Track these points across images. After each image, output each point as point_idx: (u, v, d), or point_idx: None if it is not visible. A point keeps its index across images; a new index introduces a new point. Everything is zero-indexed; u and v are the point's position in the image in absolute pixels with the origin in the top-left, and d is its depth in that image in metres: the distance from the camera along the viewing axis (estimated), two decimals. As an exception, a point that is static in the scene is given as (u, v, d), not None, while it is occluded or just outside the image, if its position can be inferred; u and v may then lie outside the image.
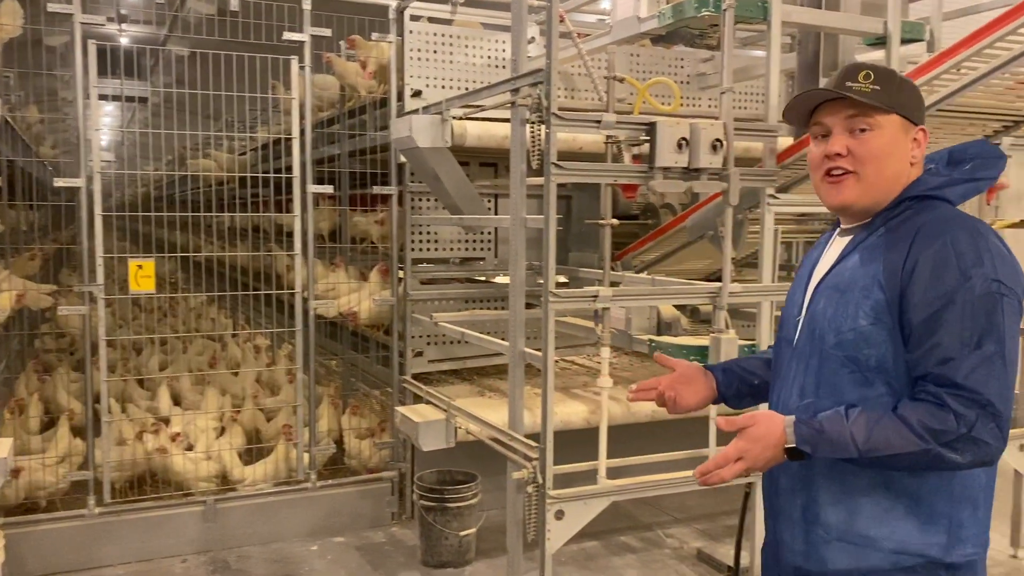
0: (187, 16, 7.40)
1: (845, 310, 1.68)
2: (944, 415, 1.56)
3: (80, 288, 4.40)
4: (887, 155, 1.71)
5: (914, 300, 1.61)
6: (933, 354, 1.59)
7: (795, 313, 1.84)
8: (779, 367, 1.88)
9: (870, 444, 1.58)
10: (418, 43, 4.66)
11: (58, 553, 4.29)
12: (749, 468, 1.64)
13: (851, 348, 1.67)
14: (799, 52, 4.64)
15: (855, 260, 1.72)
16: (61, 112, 6.65)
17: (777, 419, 1.65)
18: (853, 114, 1.71)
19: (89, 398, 4.53)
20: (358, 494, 4.93)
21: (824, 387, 1.72)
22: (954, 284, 1.58)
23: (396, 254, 5.00)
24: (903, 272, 1.62)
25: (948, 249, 1.60)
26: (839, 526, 1.71)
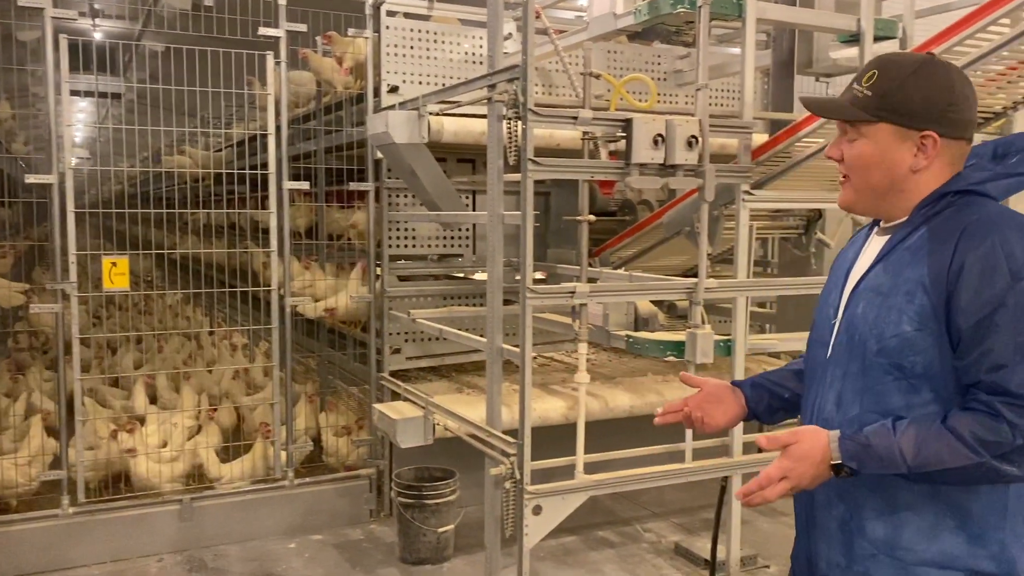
0: (162, 11, 7.34)
1: (888, 315, 1.60)
2: (997, 425, 1.48)
3: (53, 286, 4.35)
4: (871, 165, 1.67)
5: (962, 304, 1.52)
6: (984, 361, 1.51)
7: (830, 316, 1.76)
8: (813, 372, 1.80)
9: (920, 459, 1.51)
10: (395, 39, 4.65)
11: (31, 554, 4.24)
12: (794, 487, 1.58)
13: (895, 355, 1.59)
14: (774, 49, 4.69)
15: (896, 261, 1.65)
16: (33, 108, 6.57)
17: (821, 435, 1.58)
18: (844, 126, 1.71)
19: (62, 397, 4.47)
20: (336, 492, 4.91)
21: (868, 395, 1.64)
22: (1005, 287, 1.50)
23: (373, 251, 4.99)
24: (949, 274, 1.54)
25: (997, 250, 1.52)
26: (885, 540, 1.64)
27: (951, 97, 1.63)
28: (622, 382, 4.57)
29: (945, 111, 1.63)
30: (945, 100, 1.63)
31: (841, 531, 1.70)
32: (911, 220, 1.67)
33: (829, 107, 1.78)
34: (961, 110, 1.64)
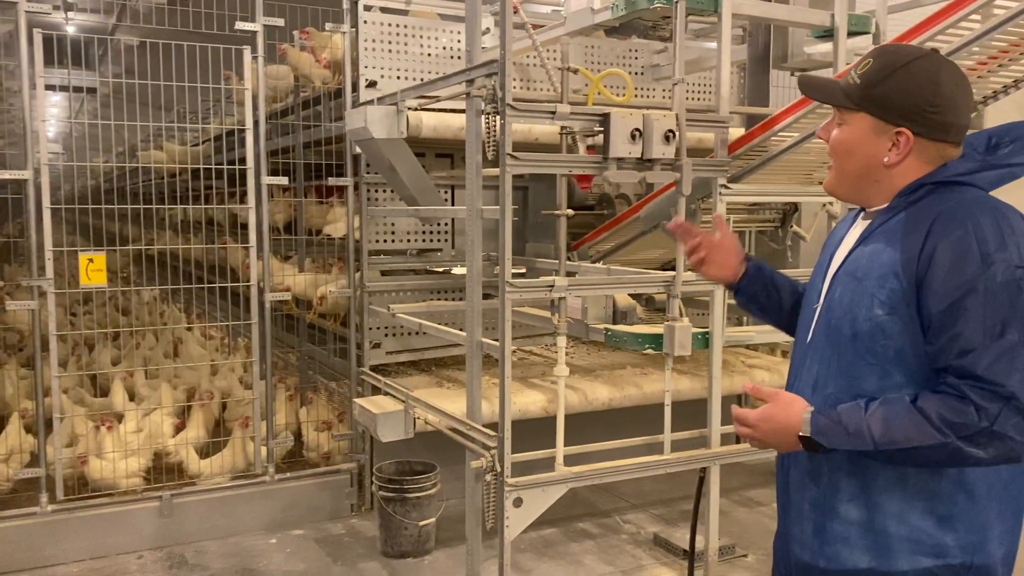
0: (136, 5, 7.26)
1: (861, 299, 1.63)
2: (964, 408, 1.49)
3: (29, 283, 4.31)
4: (848, 152, 1.72)
5: (933, 289, 1.54)
6: (953, 345, 1.52)
7: (813, 301, 1.80)
8: (795, 356, 1.85)
9: (887, 437, 1.53)
10: (372, 33, 4.65)
11: (9, 552, 4.21)
12: (760, 441, 1.68)
13: (868, 339, 1.61)
14: (750, 44, 4.73)
15: (873, 246, 1.67)
16: (6, 103, 6.49)
17: (798, 405, 1.64)
18: (835, 110, 1.76)
19: (39, 395, 4.44)
20: (316, 486, 4.91)
21: (842, 379, 1.66)
22: (975, 272, 1.51)
23: (352, 246, 4.99)
24: (920, 260, 1.56)
25: (970, 235, 1.53)
26: (859, 523, 1.66)
27: (934, 98, 1.62)
28: (601, 375, 4.60)
29: (925, 111, 1.62)
30: (927, 100, 1.62)
31: (814, 512, 1.73)
32: (891, 207, 1.69)
33: (820, 89, 1.81)
34: (944, 112, 1.63)
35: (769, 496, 5.25)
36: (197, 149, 7.08)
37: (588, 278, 4.02)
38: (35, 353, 4.46)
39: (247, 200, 4.74)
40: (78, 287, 4.43)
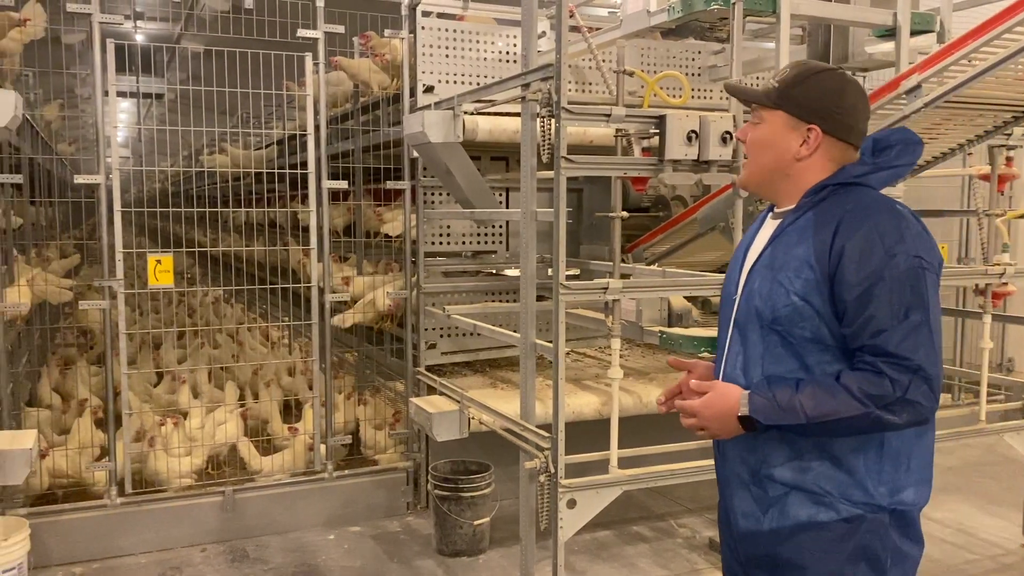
0: (202, 13, 7.47)
1: (779, 288, 1.83)
2: (881, 381, 1.73)
3: (100, 283, 4.48)
4: (764, 146, 1.93)
5: (846, 280, 1.75)
6: (867, 327, 1.74)
7: (732, 292, 1.99)
8: (721, 343, 2.02)
9: (817, 411, 1.74)
10: (430, 39, 4.71)
11: (81, 542, 4.38)
12: (705, 429, 1.89)
13: (786, 323, 1.82)
14: (809, 44, 4.65)
15: (786, 241, 1.87)
16: (78, 109, 6.74)
17: (734, 390, 1.85)
18: (753, 107, 1.96)
19: (110, 391, 4.60)
20: (373, 484, 5.00)
21: (767, 359, 1.86)
22: (881, 263, 1.74)
23: (409, 248, 5.06)
24: (831, 255, 1.77)
25: (873, 232, 1.76)
26: (793, 481, 1.86)
27: (840, 103, 1.88)
28: (655, 378, 4.58)
29: (832, 112, 1.88)
30: (834, 103, 1.88)
31: (753, 482, 1.91)
32: (799, 207, 1.90)
33: (744, 92, 2.04)
34: (847, 116, 1.89)
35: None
36: (260, 153, 7.25)
37: (643, 280, 4.01)
38: (106, 351, 4.62)
39: (308, 203, 4.84)
40: (145, 288, 4.59)
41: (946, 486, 5.49)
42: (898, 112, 3.43)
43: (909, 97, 3.37)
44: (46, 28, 4.55)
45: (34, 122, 5.69)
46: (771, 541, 1.89)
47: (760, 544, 1.92)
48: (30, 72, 5.41)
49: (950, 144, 3.98)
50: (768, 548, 1.90)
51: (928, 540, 4.87)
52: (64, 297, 5.18)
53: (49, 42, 4.68)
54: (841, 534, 1.83)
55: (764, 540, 1.91)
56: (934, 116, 3.49)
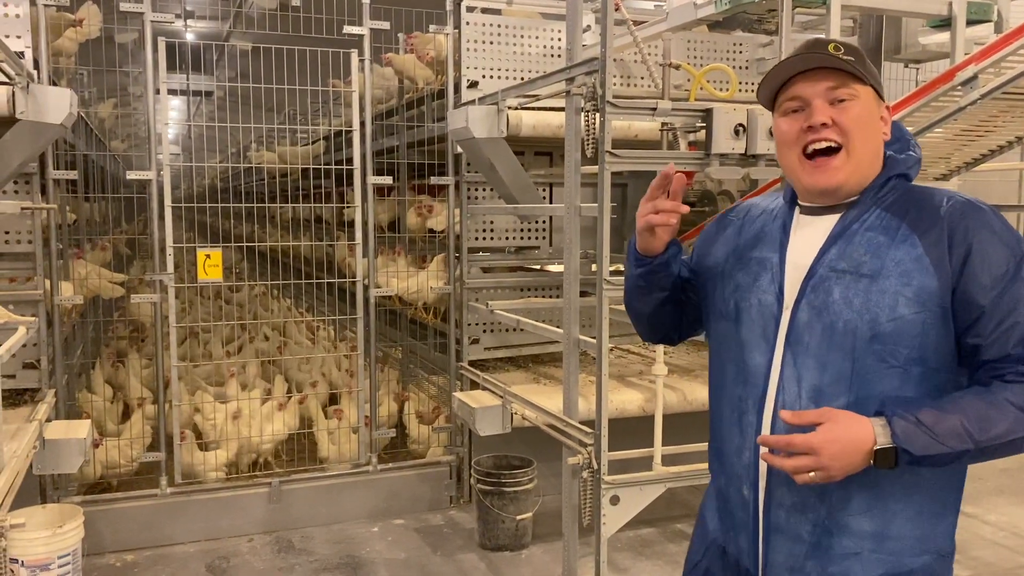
0: (250, 11, 7.57)
1: (881, 299, 1.52)
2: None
3: (152, 277, 4.57)
4: (869, 125, 1.60)
5: (980, 282, 1.50)
6: (1010, 334, 1.48)
7: (771, 303, 1.64)
8: (750, 369, 1.65)
9: (987, 434, 1.45)
10: (475, 34, 4.71)
11: (132, 530, 4.48)
12: (821, 470, 1.45)
13: (890, 340, 1.52)
14: (860, 36, 4.56)
15: (867, 243, 1.57)
16: (131, 107, 6.89)
17: (860, 417, 1.48)
18: (833, 85, 1.58)
19: (160, 383, 4.70)
20: (417, 478, 5.03)
21: (856, 383, 1.54)
22: (1010, 260, 1.51)
23: (453, 243, 5.08)
24: (952, 254, 1.51)
25: (989, 228, 1.53)
26: (873, 534, 1.57)
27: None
28: (700, 375, 4.54)
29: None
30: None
31: (814, 534, 1.59)
32: (862, 201, 1.62)
33: (834, 60, 1.58)
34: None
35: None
36: (307, 149, 7.34)
37: (688, 276, 3.96)
38: (156, 344, 4.72)
39: (353, 199, 4.88)
40: (194, 282, 4.67)
41: (1000, 488, 5.36)
42: (953, 104, 3.34)
43: (965, 88, 3.28)
44: (100, 28, 4.65)
45: (88, 119, 5.83)
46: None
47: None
48: (85, 71, 5.54)
49: (1007, 137, 3.87)
50: None
51: (981, 543, 4.77)
52: (116, 292, 5.30)
53: (103, 41, 4.78)
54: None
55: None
56: (991, 108, 3.40)
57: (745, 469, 1.66)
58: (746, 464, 1.65)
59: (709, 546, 1.81)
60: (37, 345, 4.16)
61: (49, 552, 3.63)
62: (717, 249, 1.80)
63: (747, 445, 1.65)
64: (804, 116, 1.60)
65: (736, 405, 1.68)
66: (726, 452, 1.72)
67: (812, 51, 1.60)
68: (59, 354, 4.34)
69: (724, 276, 1.74)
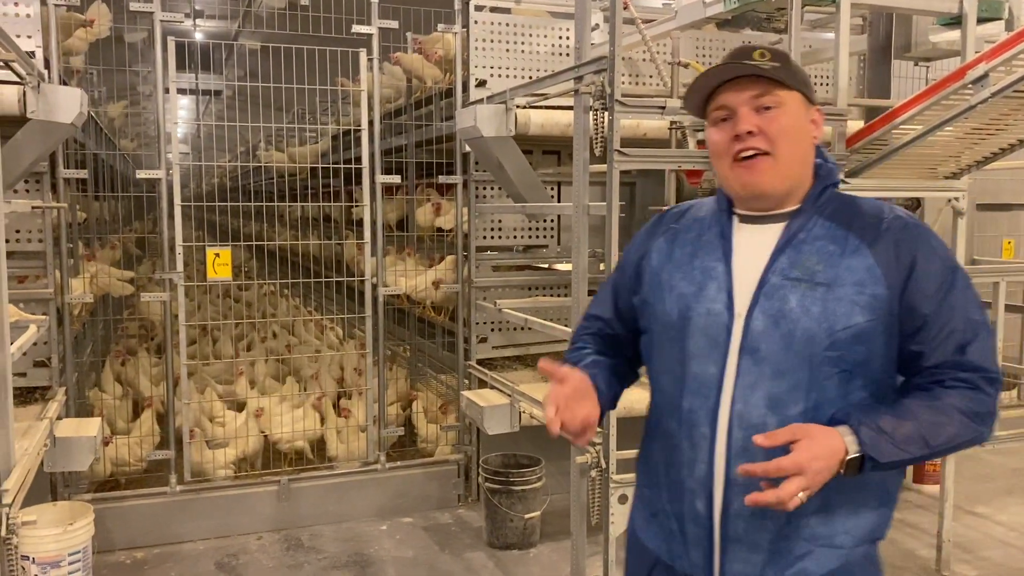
0: (259, 10, 7.59)
1: (837, 307, 1.54)
2: (980, 397, 1.55)
3: (161, 275, 4.59)
4: (796, 132, 1.60)
5: (923, 291, 1.56)
6: (950, 341, 1.55)
7: (720, 311, 1.61)
8: (701, 379, 1.62)
9: (940, 439, 1.51)
10: (483, 33, 4.71)
11: (142, 528, 4.50)
12: (808, 489, 1.45)
13: (844, 347, 1.55)
14: (870, 34, 4.56)
15: (818, 251, 1.59)
16: (140, 106, 6.92)
17: (825, 429, 1.50)
18: (758, 93, 1.59)
19: (170, 382, 4.72)
20: (425, 476, 5.04)
21: (814, 390, 1.55)
22: (950, 270, 1.59)
23: (461, 242, 5.08)
24: (899, 265, 1.56)
25: (928, 238, 1.60)
26: (823, 535, 1.60)
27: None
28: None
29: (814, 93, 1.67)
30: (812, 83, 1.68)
31: (775, 541, 1.59)
32: (804, 210, 1.63)
33: (759, 70, 1.58)
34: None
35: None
36: (315, 147, 7.35)
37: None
38: (166, 342, 4.74)
39: (361, 198, 4.89)
40: (203, 280, 4.69)
41: (1011, 488, 5.33)
42: (964, 102, 3.33)
43: (975, 87, 3.27)
44: (110, 27, 4.67)
45: (98, 119, 5.85)
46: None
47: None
48: (94, 70, 5.56)
49: (1018, 135, 3.85)
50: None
51: (991, 543, 4.75)
52: (126, 290, 5.32)
53: (113, 41, 4.80)
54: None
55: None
56: (1002, 107, 3.38)
57: (699, 483, 1.62)
58: (700, 477, 1.62)
59: (653, 567, 1.75)
60: (48, 343, 4.18)
61: (60, 549, 3.65)
62: (653, 259, 1.75)
63: (700, 458, 1.61)
64: (732, 125, 1.61)
65: (685, 417, 1.64)
66: (673, 466, 1.66)
67: (736, 59, 1.61)
68: (69, 352, 4.37)
69: (664, 287, 1.69)
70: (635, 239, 1.85)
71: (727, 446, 1.58)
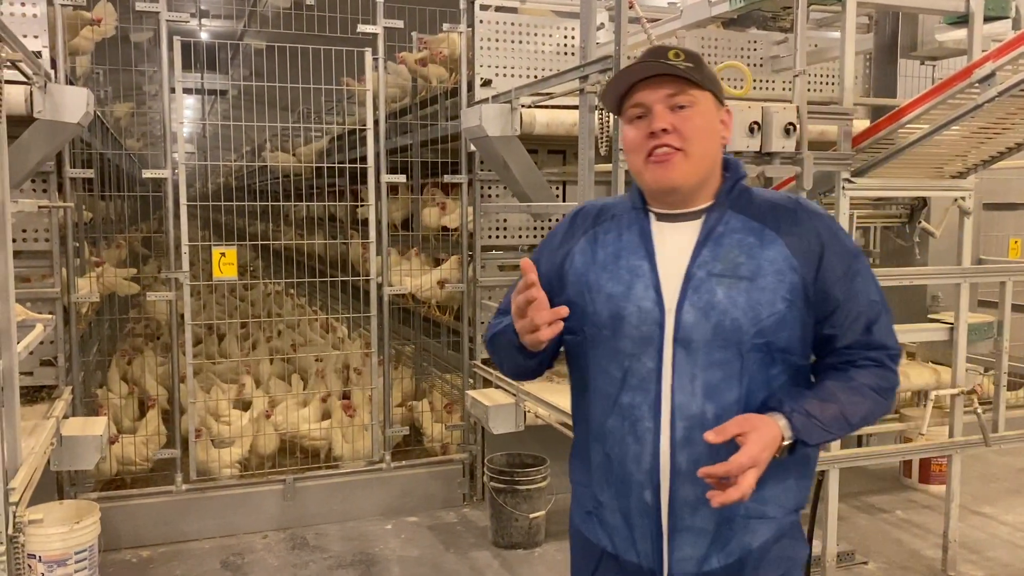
0: (264, 10, 7.60)
1: (761, 296, 1.63)
2: (887, 374, 1.70)
3: (167, 275, 4.60)
4: (708, 131, 1.66)
5: (834, 277, 1.66)
6: (857, 323, 1.68)
7: (651, 308, 1.65)
8: (640, 375, 1.66)
9: (858, 418, 1.66)
10: (488, 32, 4.71)
11: (148, 526, 4.51)
12: (758, 475, 1.54)
13: (770, 333, 1.63)
14: (876, 33, 4.54)
15: (738, 243, 1.65)
16: (145, 106, 6.93)
17: (763, 417, 1.59)
18: (672, 92, 1.64)
19: (175, 380, 4.73)
20: (430, 475, 5.04)
21: (746, 377, 1.63)
22: (851, 255, 1.70)
23: (466, 241, 5.08)
24: (809, 253, 1.66)
25: (832, 225, 1.71)
26: (756, 508, 1.67)
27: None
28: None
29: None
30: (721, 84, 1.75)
31: (719, 523, 1.66)
32: (718, 205, 1.70)
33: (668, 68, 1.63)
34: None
35: (893, 502, 5.04)
36: (320, 146, 7.36)
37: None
38: (172, 341, 4.75)
39: (367, 197, 4.89)
40: (209, 280, 4.69)
41: (1018, 488, 5.32)
42: (971, 101, 3.32)
43: (982, 86, 3.26)
44: (116, 27, 4.68)
45: (104, 118, 5.86)
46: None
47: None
48: (100, 70, 5.57)
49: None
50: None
51: (999, 544, 4.74)
52: (132, 289, 5.33)
53: (119, 40, 4.81)
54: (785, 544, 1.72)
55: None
56: (1008, 106, 3.37)
57: (646, 475, 1.66)
58: (647, 470, 1.66)
59: (600, 559, 1.80)
60: (54, 342, 4.19)
61: (66, 548, 3.66)
62: (577, 261, 1.76)
63: (646, 451, 1.65)
64: (647, 123, 1.65)
65: (627, 414, 1.68)
66: (619, 462, 1.69)
67: (652, 59, 1.65)
68: (76, 351, 4.38)
69: (592, 288, 1.72)
70: (550, 240, 1.86)
71: (671, 437, 1.64)
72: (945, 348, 4.12)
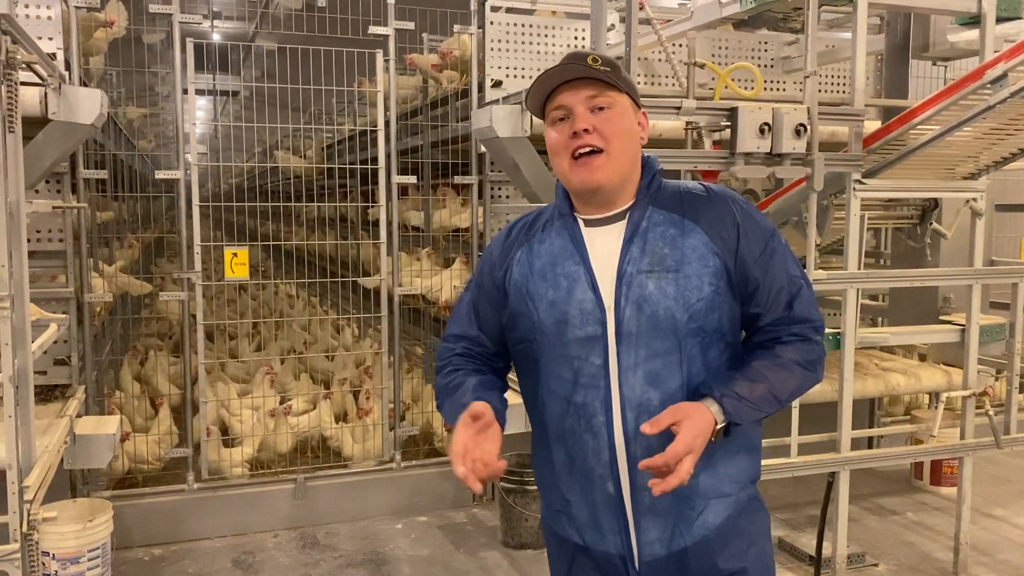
0: (276, 12, 7.63)
1: (688, 283, 1.71)
2: (811, 347, 1.76)
3: (180, 275, 4.63)
4: (628, 131, 1.74)
5: (751, 258, 1.73)
6: (779, 300, 1.75)
7: (591, 309, 1.72)
8: (589, 373, 1.73)
9: (787, 394, 1.73)
10: (499, 34, 4.72)
11: (160, 525, 4.54)
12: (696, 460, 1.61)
13: (701, 317, 1.71)
14: (887, 33, 4.53)
15: (661, 237, 1.73)
16: (158, 107, 6.98)
17: (694, 404, 1.66)
18: (593, 94, 1.71)
19: (187, 380, 4.76)
20: (440, 475, 5.05)
21: (686, 363, 1.71)
22: (767, 233, 1.76)
23: (476, 242, 5.09)
24: (727, 237, 1.73)
25: (745, 207, 1.77)
26: (711, 485, 1.76)
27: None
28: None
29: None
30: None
31: (679, 505, 1.74)
32: (640, 202, 1.78)
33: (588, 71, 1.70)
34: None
35: (904, 504, 5.02)
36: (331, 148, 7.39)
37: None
38: (184, 340, 4.78)
39: (378, 198, 4.91)
40: (220, 280, 4.72)
41: (1030, 491, 5.29)
42: (982, 103, 3.31)
43: (994, 87, 3.25)
44: (128, 28, 4.71)
45: (117, 119, 5.90)
46: (696, 555, 1.76)
47: (672, 566, 1.77)
48: (113, 71, 5.61)
49: (1038, 135, 3.82)
50: (680, 566, 1.76)
51: (1010, 546, 4.71)
52: (144, 289, 5.37)
53: (132, 42, 4.84)
54: (747, 517, 1.81)
55: (677, 561, 1.76)
56: (1021, 106, 3.36)
57: (606, 468, 1.75)
58: (606, 463, 1.74)
59: (574, 555, 1.87)
60: (68, 342, 4.23)
61: (79, 545, 3.69)
62: (515, 272, 1.83)
63: (603, 444, 1.74)
64: (569, 124, 1.72)
65: (582, 412, 1.75)
66: (580, 459, 1.77)
67: (571, 63, 1.73)
68: (89, 351, 4.41)
69: (534, 297, 1.79)
70: (488, 259, 1.92)
71: (623, 429, 1.72)
72: (957, 350, 4.11)
